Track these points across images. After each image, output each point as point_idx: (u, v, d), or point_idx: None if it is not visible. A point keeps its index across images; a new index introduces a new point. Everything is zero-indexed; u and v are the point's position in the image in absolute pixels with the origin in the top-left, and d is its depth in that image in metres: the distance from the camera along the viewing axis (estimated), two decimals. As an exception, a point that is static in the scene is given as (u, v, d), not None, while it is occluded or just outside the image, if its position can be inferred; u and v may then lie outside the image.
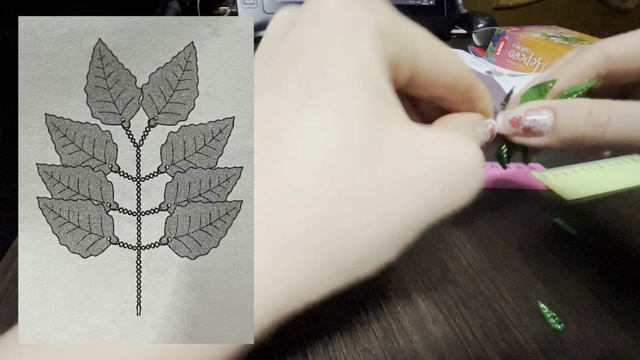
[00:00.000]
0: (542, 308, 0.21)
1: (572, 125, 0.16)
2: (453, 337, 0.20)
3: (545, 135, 0.16)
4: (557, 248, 0.26)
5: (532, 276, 0.24)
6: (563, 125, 0.16)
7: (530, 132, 0.17)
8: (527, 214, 0.29)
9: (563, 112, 0.16)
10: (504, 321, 0.21)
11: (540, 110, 0.16)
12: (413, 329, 0.20)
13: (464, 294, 0.22)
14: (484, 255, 0.25)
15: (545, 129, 0.16)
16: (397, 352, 0.19)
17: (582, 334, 0.20)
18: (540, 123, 0.16)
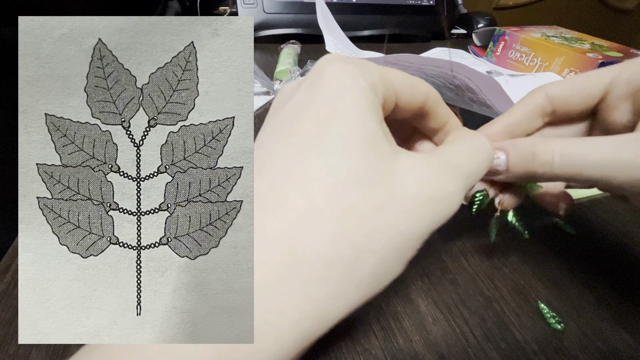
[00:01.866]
0: (542, 308, 0.21)
1: (523, 165, 0.17)
2: (453, 337, 0.20)
3: (502, 173, 0.18)
4: (557, 248, 0.26)
5: (532, 276, 0.24)
6: (515, 165, 0.18)
7: (490, 172, 0.18)
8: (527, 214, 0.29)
9: (513, 152, 0.18)
10: (504, 321, 0.21)
11: (495, 152, 0.18)
12: (413, 329, 0.20)
13: (464, 294, 0.22)
14: (484, 255, 0.25)
15: (501, 168, 0.18)
16: (397, 352, 0.19)
17: (582, 334, 0.20)
18: (495, 164, 0.18)
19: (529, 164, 0.17)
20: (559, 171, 0.17)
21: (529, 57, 0.54)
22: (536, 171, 0.17)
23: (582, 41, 0.54)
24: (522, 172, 0.18)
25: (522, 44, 0.55)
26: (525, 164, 0.17)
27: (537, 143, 0.17)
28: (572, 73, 0.49)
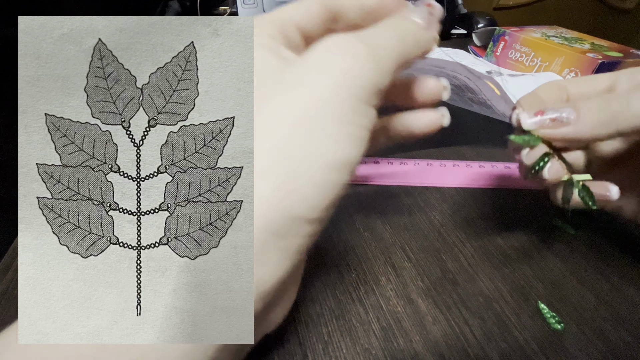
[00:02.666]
0: (542, 308, 0.21)
1: (598, 110, 0.18)
2: (453, 337, 0.20)
3: (571, 124, 0.18)
4: (557, 248, 0.26)
5: (532, 276, 0.24)
6: (587, 114, 0.18)
7: (557, 122, 0.18)
8: (527, 214, 0.29)
9: (589, 103, 0.18)
10: (504, 321, 0.21)
11: (563, 107, 0.18)
12: (413, 329, 0.20)
13: (464, 294, 0.22)
14: (484, 255, 0.25)
15: (572, 117, 0.18)
16: (397, 352, 0.19)
17: (582, 334, 0.20)
18: (565, 115, 0.18)
19: (607, 112, 0.17)
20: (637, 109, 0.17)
21: (529, 57, 0.54)
22: (615, 110, 0.17)
23: (582, 41, 0.54)
24: (596, 119, 0.18)
25: (522, 44, 0.55)
26: (603, 109, 0.18)
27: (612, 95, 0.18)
28: (572, 73, 0.49)
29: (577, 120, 0.18)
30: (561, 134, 0.19)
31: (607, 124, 0.18)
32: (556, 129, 0.19)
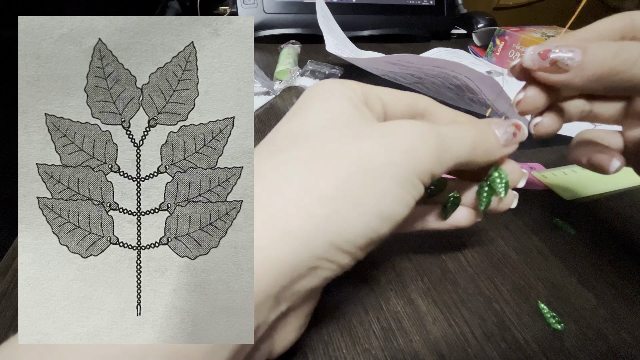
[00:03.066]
0: (542, 308, 0.21)
1: (601, 60, 0.16)
2: (453, 337, 0.20)
3: (571, 70, 0.17)
4: (557, 248, 0.26)
5: (532, 276, 0.24)
6: (590, 61, 0.16)
7: (557, 67, 0.17)
8: (527, 214, 0.29)
9: (594, 48, 0.17)
10: (504, 321, 0.21)
11: (570, 47, 0.17)
12: (413, 329, 0.20)
13: (464, 294, 0.22)
14: (484, 255, 0.25)
15: (573, 63, 0.17)
16: (397, 352, 0.19)
17: (582, 334, 0.20)
18: (566, 58, 0.17)
19: (609, 60, 0.16)
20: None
21: (529, 57, 0.54)
22: (615, 67, 0.16)
23: (582, 41, 0.54)
24: (595, 70, 0.17)
25: (522, 44, 0.55)
26: (604, 60, 0.16)
27: (623, 44, 0.16)
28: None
29: (577, 68, 0.17)
30: (557, 80, 0.18)
31: (612, 75, 0.16)
32: (553, 74, 0.17)
